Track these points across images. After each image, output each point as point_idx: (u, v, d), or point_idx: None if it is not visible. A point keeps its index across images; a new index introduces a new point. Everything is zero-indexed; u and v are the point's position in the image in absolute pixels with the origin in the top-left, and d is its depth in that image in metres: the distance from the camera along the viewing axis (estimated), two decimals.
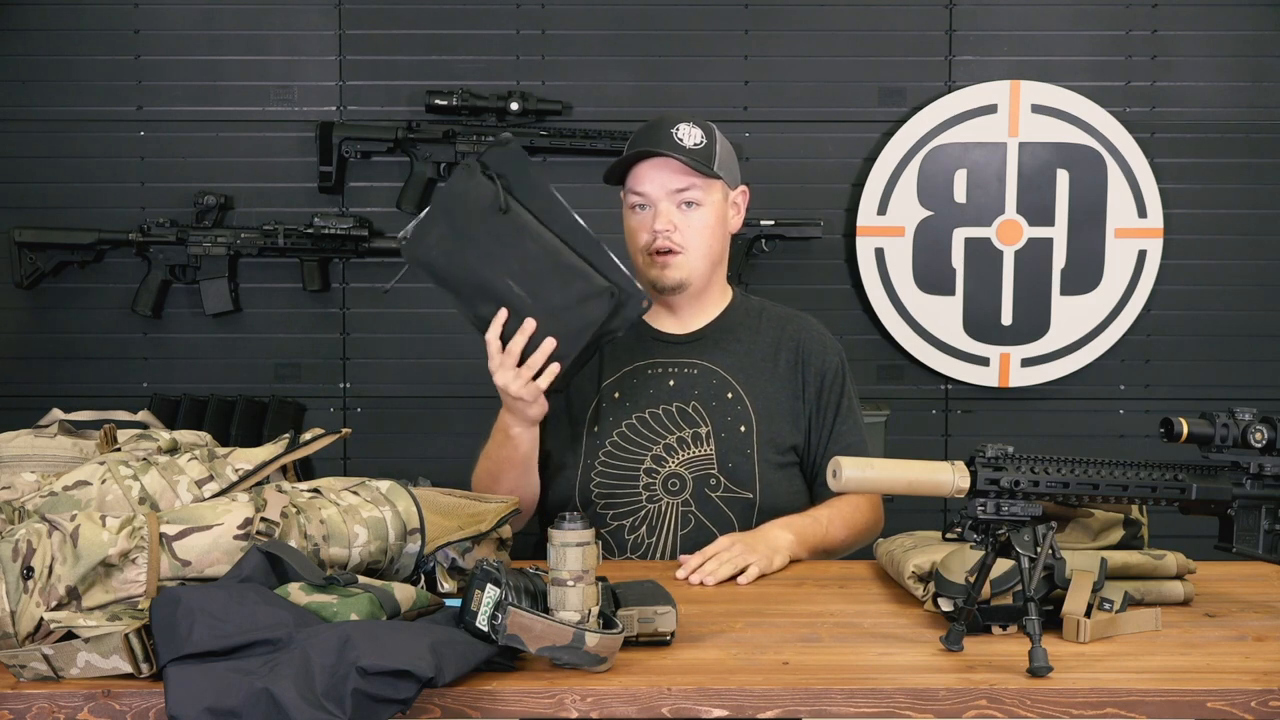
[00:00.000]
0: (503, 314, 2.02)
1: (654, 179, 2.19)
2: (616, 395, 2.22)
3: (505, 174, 2.00)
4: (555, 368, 2.03)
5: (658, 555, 2.18)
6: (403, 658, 1.40)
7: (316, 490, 1.72)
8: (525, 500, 2.18)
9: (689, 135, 2.18)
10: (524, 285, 2.01)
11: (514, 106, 3.45)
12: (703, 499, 2.18)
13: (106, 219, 3.52)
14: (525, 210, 2.01)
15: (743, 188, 2.29)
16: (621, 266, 2.02)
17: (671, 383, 2.22)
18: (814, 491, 2.27)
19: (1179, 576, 1.82)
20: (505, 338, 2.03)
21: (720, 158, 2.21)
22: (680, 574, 1.98)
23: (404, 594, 1.60)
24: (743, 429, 2.20)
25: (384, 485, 1.75)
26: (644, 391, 2.22)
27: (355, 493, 1.73)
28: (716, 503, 2.18)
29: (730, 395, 2.22)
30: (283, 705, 1.36)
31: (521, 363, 2.03)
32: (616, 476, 2.19)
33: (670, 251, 2.19)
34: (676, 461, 2.19)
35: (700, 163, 2.17)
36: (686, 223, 2.19)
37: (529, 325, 2.01)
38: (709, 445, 2.19)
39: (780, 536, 2.08)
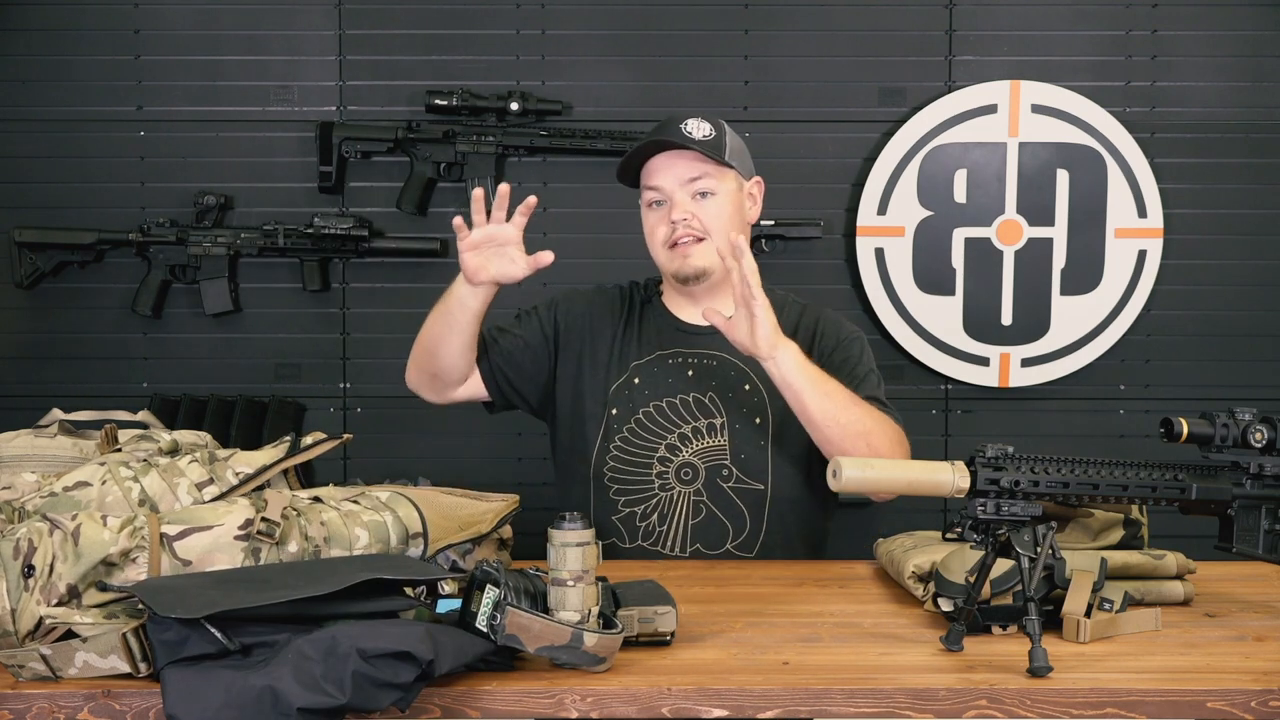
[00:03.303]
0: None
1: (667, 172, 2.22)
2: (637, 381, 2.26)
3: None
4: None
5: (668, 544, 2.20)
6: (402, 641, 1.40)
7: (317, 498, 1.72)
8: (456, 371, 2.21)
9: (698, 129, 2.22)
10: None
11: (514, 106, 3.45)
12: (714, 489, 2.21)
13: (106, 219, 3.51)
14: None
15: (758, 179, 2.33)
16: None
17: (690, 373, 2.26)
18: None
19: (1179, 576, 1.82)
20: None
21: (731, 148, 2.25)
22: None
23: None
24: (758, 420, 2.22)
25: (383, 494, 1.75)
26: (663, 380, 2.26)
27: (355, 502, 1.73)
28: (728, 493, 2.21)
29: (748, 387, 2.24)
30: (281, 694, 1.36)
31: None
32: (630, 462, 2.23)
33: (690, 240, 2.22)
34: (690, 451, 2.22)
35: (711, 151, 2.20)
36: (703, 211, 2.22)
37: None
38: (723, 436, 2.22)
39: (791, 346, 2.07)
